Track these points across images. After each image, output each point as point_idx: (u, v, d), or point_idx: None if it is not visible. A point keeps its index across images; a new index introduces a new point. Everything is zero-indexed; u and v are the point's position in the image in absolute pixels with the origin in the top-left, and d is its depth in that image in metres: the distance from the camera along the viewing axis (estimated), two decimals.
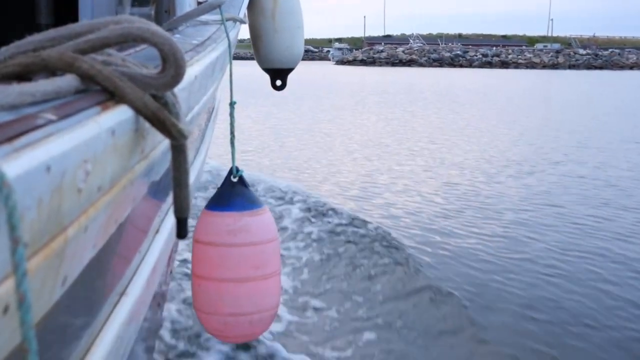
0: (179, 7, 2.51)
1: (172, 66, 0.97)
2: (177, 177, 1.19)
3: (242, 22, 2.62)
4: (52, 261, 0.72)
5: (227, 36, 2.11)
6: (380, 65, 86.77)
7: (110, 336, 1.14)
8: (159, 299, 2.31)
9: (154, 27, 0.97)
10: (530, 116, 19.34)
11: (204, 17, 2.21)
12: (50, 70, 0.92)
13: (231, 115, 2.46)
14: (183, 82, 1.01)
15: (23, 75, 0.90)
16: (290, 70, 3.49)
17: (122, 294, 1.28)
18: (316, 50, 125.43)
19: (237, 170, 2.41)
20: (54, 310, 0.78)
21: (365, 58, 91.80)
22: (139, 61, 1.04)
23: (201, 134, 2.89)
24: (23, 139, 0.67)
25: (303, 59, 3.58)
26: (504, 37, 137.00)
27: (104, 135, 0.83)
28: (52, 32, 0.96)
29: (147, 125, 1.00)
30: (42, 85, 0.82)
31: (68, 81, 0.89)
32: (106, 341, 1.12)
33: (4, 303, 0.61)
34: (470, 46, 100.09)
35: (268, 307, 2.39)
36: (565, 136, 14.42)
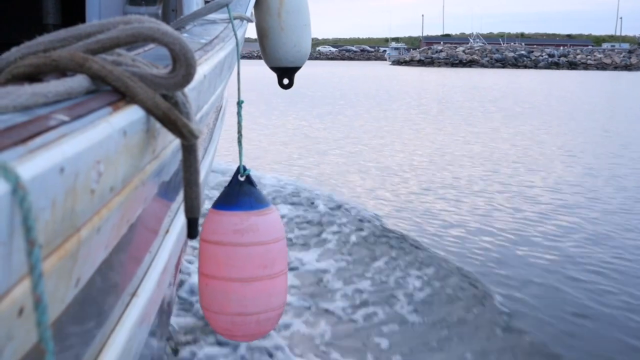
0: (186, 6, 2.51)
1: (183, 66, 0.96)
2: (187, 177, 1.18)
3: (249, 20, 2.61)
4: (66, 262, 0.71)
5: (235, 35, 2.11)
6: (439, 66, 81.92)
7: (122, 337, 1.14)
8: (167, 301, 2.31)
9: (164, 26, 0.97)
10: None
11: (211, 16, 2.21)
12: (61, 70, 0.92)
13: (239, 114, 2.45)
14: (193, 81, 1.01)
15: (34, 75, 0.90)
16: (297, 68, 3.48)
17: (134, 294, 1.28)
18: (372, 50, 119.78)
19: (245, 169, 2.41)
20: (67, 311, 0.77)
21: (423, 58, 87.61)
22: (149, 61, 1.04)
23: (210, 134, 2.89)
24: (37, 140, 0.66)
25: (358, 59, 3.42)
26: (569, 36, 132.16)
27: (115, 136, 0.83)
28: (62, 33, 0.96)
29: (157, 125, 1.00)
30: (54, 86, 0.82)
31: (79, 82, 0.88)
32: (118, 342, 1.12)
33: (19, 305, 0.61)
34: (534, 46, 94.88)
35: (275, 307, 2.39)
36: None
